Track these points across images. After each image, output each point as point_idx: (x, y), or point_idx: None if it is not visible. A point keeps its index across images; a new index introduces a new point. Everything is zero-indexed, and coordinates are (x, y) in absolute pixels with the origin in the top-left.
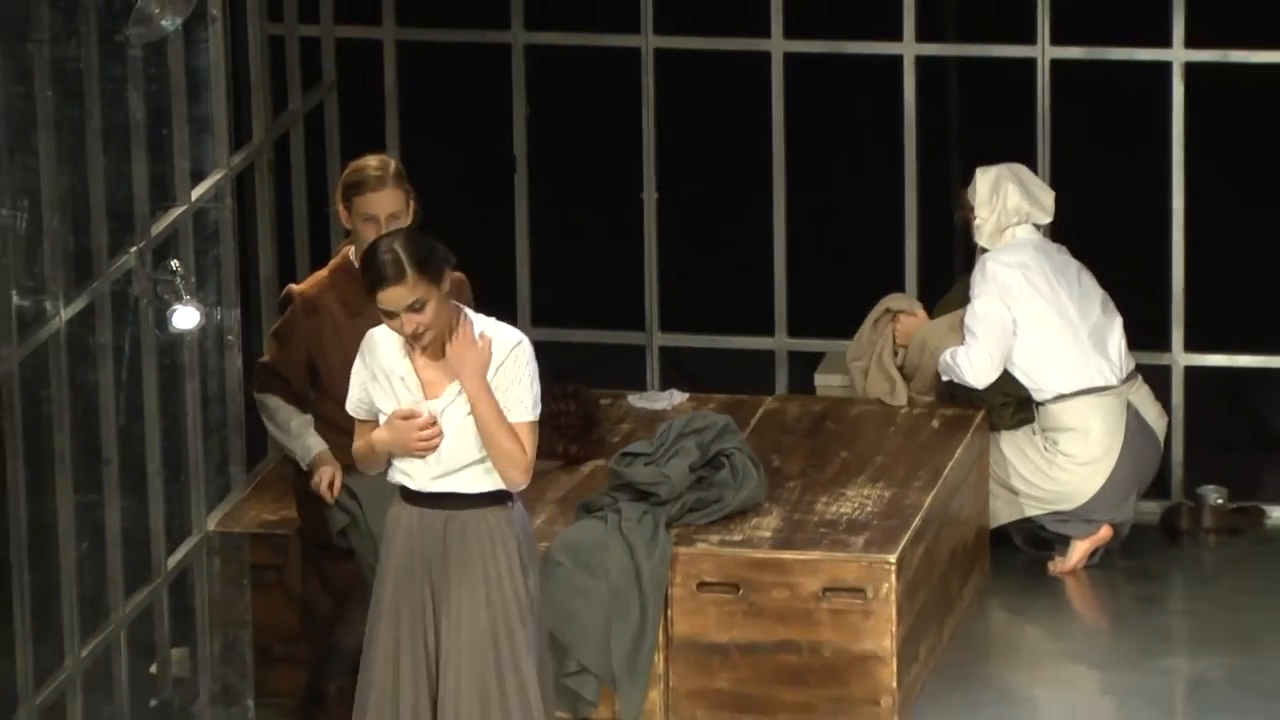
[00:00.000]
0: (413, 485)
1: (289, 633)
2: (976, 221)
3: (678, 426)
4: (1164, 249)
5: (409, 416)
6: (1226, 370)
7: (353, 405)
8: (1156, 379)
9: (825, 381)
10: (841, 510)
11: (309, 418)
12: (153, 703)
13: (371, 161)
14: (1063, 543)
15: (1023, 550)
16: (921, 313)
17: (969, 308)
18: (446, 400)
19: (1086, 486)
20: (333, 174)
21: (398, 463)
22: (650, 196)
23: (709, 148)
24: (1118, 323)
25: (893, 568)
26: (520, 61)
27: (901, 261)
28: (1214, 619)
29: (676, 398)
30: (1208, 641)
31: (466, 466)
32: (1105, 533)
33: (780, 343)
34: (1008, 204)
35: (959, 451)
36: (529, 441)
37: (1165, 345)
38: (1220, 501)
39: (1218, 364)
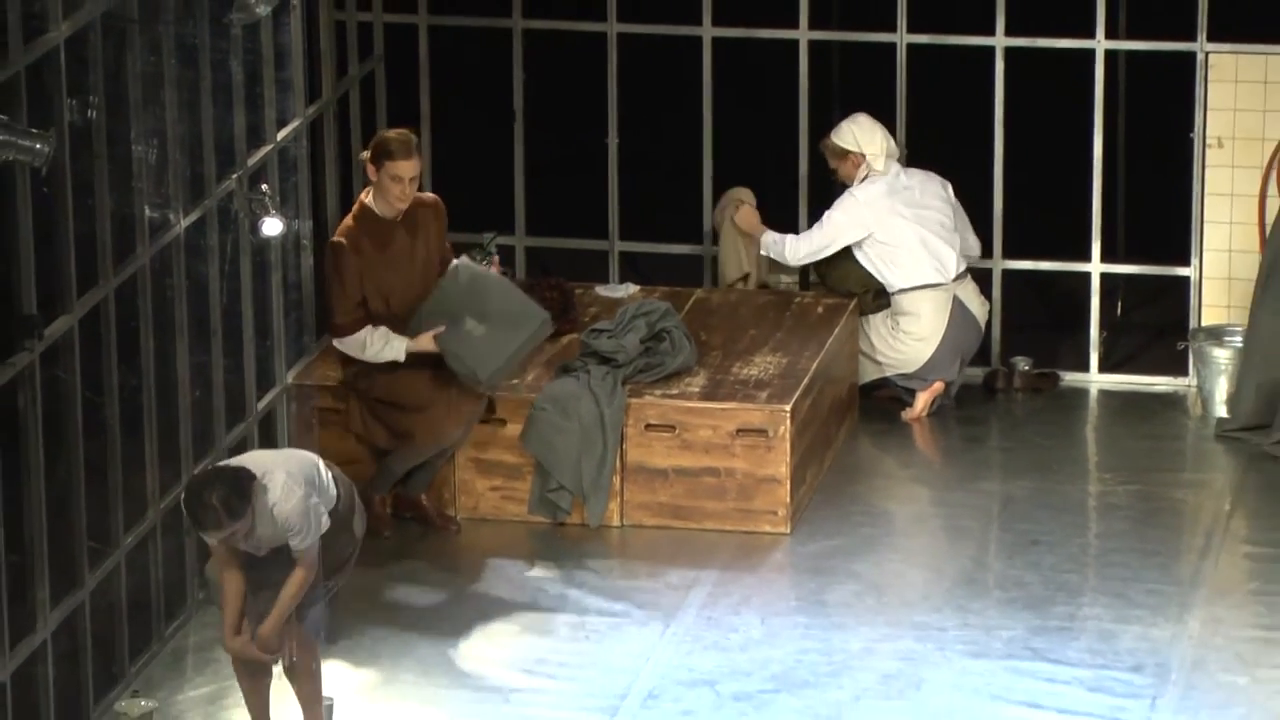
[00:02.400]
0: None
1: (344, 459)
2: (869, 158)
3: (631, 310)
4: (988, 184)
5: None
6: (1033, 272)
7: None
8: (981, 277)
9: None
10: (750, 372)
11: (381, 330)
12: None
13: (400, 135)
14: (910, 396)
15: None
16: (747, 204)
17: (828, 213)
18: None
19: (919, 355)
20: (380, 123)
21: None
22: (613, 141)
23: (657, 106)
24: (956, 239)
25: (788, 414)
26: (519, 41)
27: (796, 189)
28: (1020, 454)
29: (631, 289)
30: (1015, 470)
31: None
32: (938, 386)
33: (707, 249)
34: (887, 144)
35: (837, 329)
36: (310, 559)
37: (988, 253)
38: (1027, 368)
39: (1026, 267)
